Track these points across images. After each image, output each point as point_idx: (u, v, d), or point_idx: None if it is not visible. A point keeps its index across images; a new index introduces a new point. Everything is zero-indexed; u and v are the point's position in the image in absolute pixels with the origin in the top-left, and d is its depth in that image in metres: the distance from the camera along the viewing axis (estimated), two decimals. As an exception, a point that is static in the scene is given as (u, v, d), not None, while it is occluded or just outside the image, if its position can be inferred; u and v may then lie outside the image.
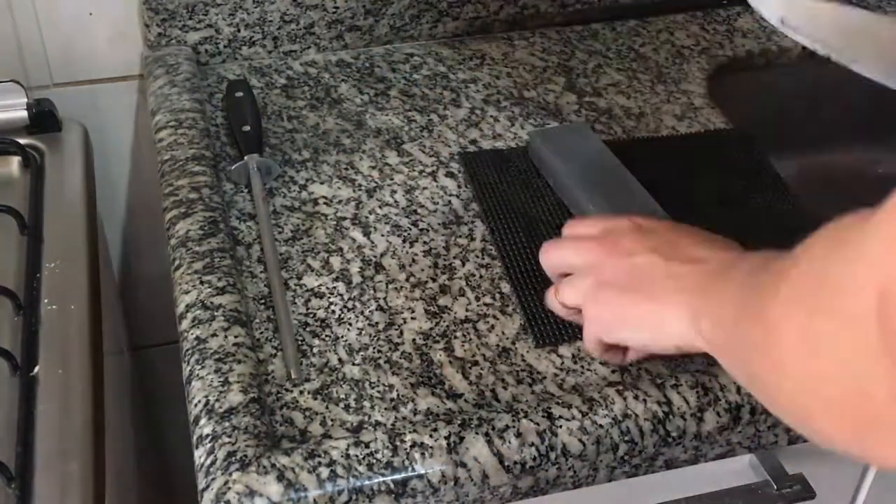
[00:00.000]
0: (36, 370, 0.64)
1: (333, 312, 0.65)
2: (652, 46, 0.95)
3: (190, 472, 0.56)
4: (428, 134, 0.82)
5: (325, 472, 0.54)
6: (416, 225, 0.72)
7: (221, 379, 0.58)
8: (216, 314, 0.62)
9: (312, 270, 0.68)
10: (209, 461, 0.54)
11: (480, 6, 0.95)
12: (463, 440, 0.56)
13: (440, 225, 0.73)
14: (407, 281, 0.68)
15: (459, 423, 0.56)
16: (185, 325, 0.63)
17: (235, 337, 0.61)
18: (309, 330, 0.64)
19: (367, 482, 0.54)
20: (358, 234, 0.71)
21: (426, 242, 0.71)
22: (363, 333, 0.63)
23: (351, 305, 0.66)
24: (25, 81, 0.85)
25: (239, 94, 0.83)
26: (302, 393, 0.59)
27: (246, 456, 0.54)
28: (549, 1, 0.96)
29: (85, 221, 0.77)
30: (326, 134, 0.82)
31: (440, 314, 0.65)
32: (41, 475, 0.57)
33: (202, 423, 0.56)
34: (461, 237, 0.71)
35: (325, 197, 0.75)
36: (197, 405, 0.57)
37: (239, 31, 0.90)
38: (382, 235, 0.71)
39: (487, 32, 0.97)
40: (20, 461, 0.57)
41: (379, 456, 0.55)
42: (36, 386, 0.62)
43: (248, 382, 0.58)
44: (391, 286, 0.67)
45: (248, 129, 0.79)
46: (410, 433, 0.56)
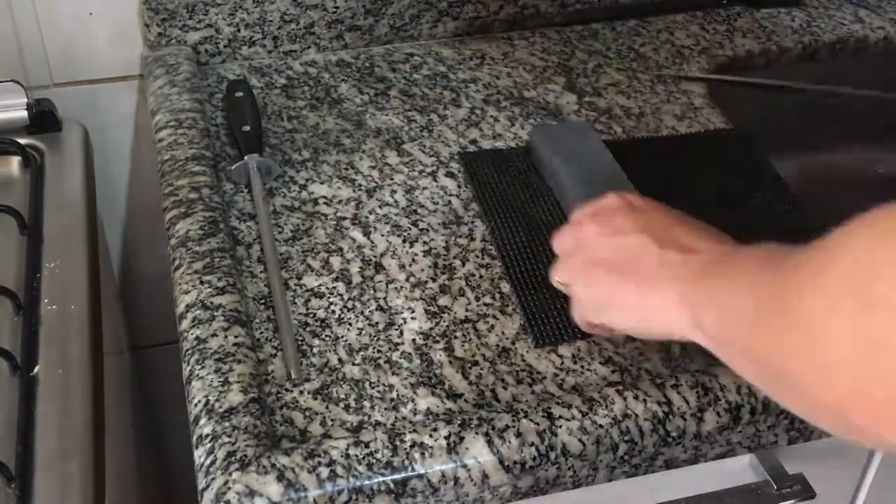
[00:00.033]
0: (36, 370, 0.63)
1: (333, 312, 0.65)
2: (652, 46, 0.95)
3: (190, 472, 0.56)
4: (428, 134, 0.82)
5: (325, 472, 0.54)
6: (416, 225, 0.72)
7: (221, 379, 0.58)
8: (216, 314, 0.62)
9: (312, 270, 0.68)
10: (209, 461, 0.54)
11: (480, 6, 0.95)
12: (463, 440, 0.56)
13: (440, 225, 0.73)
14: (407, 281, 0.68)
15: (459, 423, 0.56)
16: (185, 325, 0.63)
17: (235, 337, 0.61)
18: (309, 330, 0.64)
19: (367, 482, 0.54)
20: (358, 234, 0.71)
21: (426, 242, 0.71)
22: (363, 333, 0.63)
23: (351, 305, 0.66)
24: (25, 81, 0.85)
25: (239, 94, 0.83)
26: (302, 393, 0.59)
27: (246, 456, 0.54)
28: (549, 1, 0.96)
29: (85, 221, 0.77)
30: (326, 134, 0.82)
31: (440, 314, 0.65)
32: (41, 475, 0.57)
33: (202, 423, 0.56)
34: (461, 237, 0.71)
35: (325, 197, 0.75)
36: (197, 405, 0.57)
37: (239, 30, 0.90)
38: (382, 235, 0.71)
39: (487, 32, 0.97)
40: (20, 461, 0.57)
41: (379, 456, 0.55)
42: (36, 386, 0.62)
43: (248, 382, 0.58)
44: (391, 286, 0.67)
45: (248, 129, 0.79)
46: (410, 433, 0.56)
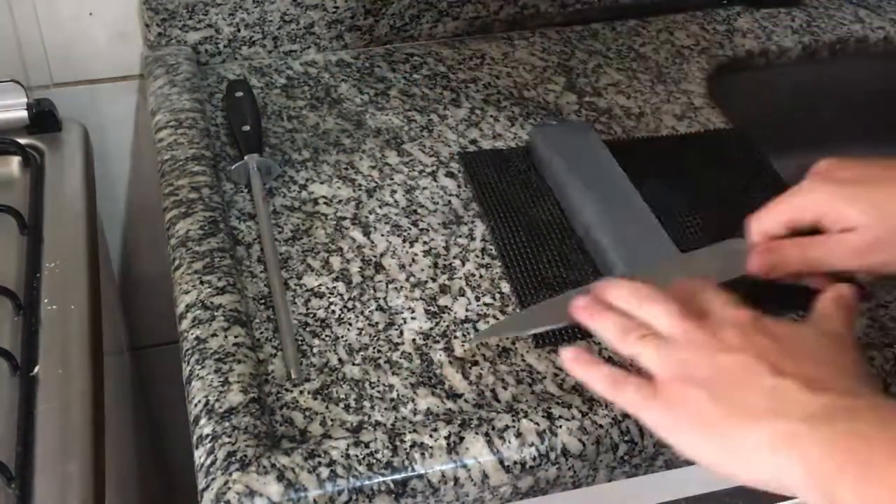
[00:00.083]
0: (36, 370, 0.63)
1: (333, 312, 0.65)
2: (652, 46, 0.95)
3: (190, 472, 0.56)
4: (428, 134, 0.82)
5: (325, 472, 0.54)
6: (416, 225, 0.72)
7: (221, 379, 0.58)
8: (216, 314, 0.62)
9: (312, 270, 0.68)
10: (209, 461, 0.54)
11: (480, 6, 0.95)
12: (463, 440, 0.56)
13: (440, 225, 0.73)
14: (407, 281, 0.68)
15: (459, 423, 0.56)
16: (185, 325, 0.63)
17: (235, 337, 0.61)
18: (309, 330, 0.64)
19: (367, 482, 0.54)
20: (358, 233, 0.71)
21: (426, 242, 0.71)
22: (363, 333, 0.63)
23: (351, 305, 0.66)
24: (25, 81, 0.85)
25: (239, 94, 0.83)
26: (302, 393, 0.59)
27: (246, 456, 0.54)
28: (549, 1, 0.96)
29: (85, 221, 0.77)
30: (326, 134, 0.82)
31: (440, 314, 0.65)
32: (41, 475, 0.57)
33: (202, 423, 0.56)
34: (461, 237, 0.71)
35: (325, 197, 0.75)
36: (197, 405, 0.57)
37: (239, 30, 0.90)
38: (382, 235, 0.71)
39: (487, 32, 0.97)
40: (20, 461, 0.57)
41: (379, 456, 0.55)
42: (36, 386, 0.62)
43: (248, 382, 0.58)
44: (391, 286, 0.67)
45: (248, 129, 0.79)
46: (410, 433, 0.56)
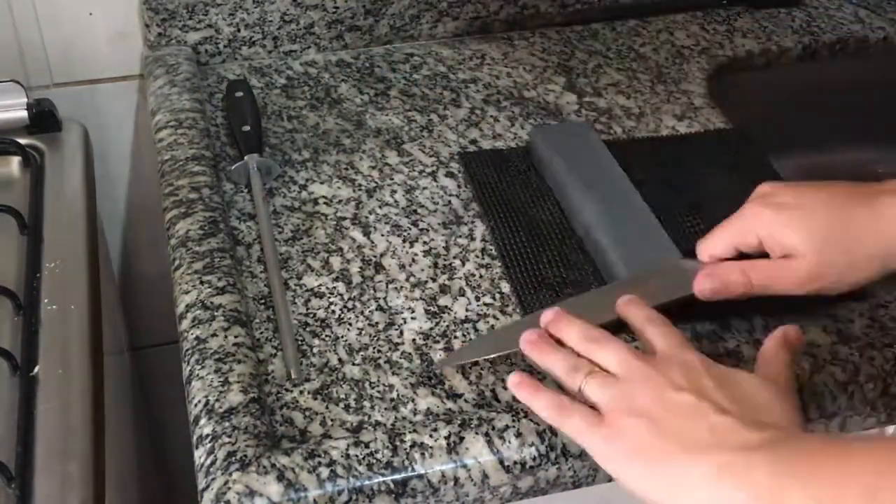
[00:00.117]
0: (36, 370, 0.63)
1: (333, 312, 0.65)
2: (652, 46, 0.95)
3: (190, 472, 0.56)
4: (428, 134, 0.82)
5: (325, 472, 0.54)
6: (416, 225, 0.72)
7: (221, 379, 0.58)
8: (216, 314, 0.62)
9: (312, 270, 0.68)
10: (209, 461, 0.54)
11: (480, 6, 0.95)
12: (463, 440, 0.56)
13: (440, 225, 0.73)
14: (407, 281, 0.68)
15: (459, 423, 0.56)
16: (185, 325, 0.63)
17: (235, 337, 0.61)
18: (309, 330, 0.64)
19: (367, 482, 0.54)
20: (358, 234, 0.71)
21: (426, 242, 0.71)
22: (363, 333, 0.63)
23: (351, 305, 0.66)
24: (25, 81, 0.85)
25: (239, 94, 0.83)
26: (302, 393, 0.59)
27: (246, 456, 0.54)
28: (549, 1, 0.96)
29: (85, 221, 0.77)
30: (326, 134, 0.82)
31: (440, 314, 0.65)
32: (41, 475, 0.57)
33: (202, 423, 0.56)
34: (461, 237, 0.71)
35: (325, 197, 0.75)
36: (197, 405, 0.57)
37: (239, 31, 0.90)
38: (382, 235, 0.71)
39: (487, 32, 0.97)
40: (20, 461, 0.57)
41: (379, 456, 0.55)
42: (36, 386, 0.62)
43: (248, 382, 0.58)
44: (391, 286, 0.67)
45: (248, 129, 0.79)
46: (410, 433, 0.56)
